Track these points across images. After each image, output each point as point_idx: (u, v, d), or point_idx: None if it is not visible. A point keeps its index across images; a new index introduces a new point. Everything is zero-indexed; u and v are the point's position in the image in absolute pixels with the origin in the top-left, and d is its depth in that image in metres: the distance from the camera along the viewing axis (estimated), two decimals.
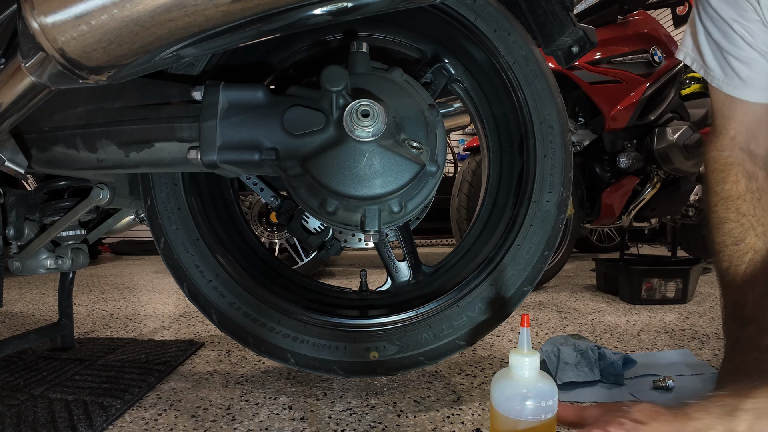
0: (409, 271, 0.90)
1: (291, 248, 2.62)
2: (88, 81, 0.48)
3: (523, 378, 0.46)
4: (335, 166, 0.62)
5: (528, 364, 0.46)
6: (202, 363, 1.04)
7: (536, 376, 0.46)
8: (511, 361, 0.47)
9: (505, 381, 0.47)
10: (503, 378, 0.48)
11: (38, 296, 2.04)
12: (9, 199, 0.89)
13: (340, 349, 0.78)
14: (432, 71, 0.85)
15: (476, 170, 2.03)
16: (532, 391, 0.45)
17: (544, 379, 0.46)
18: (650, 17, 2.09)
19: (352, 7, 0.49)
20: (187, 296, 0.80)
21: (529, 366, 0.46)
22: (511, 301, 0.78)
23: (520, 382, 0.46)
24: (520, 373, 0.46)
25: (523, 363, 0.46)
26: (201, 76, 0.75)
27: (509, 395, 0.46)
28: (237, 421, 0.74)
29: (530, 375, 0.46)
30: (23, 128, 0.70)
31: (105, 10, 0.42)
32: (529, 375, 0.46)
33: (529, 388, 0.45)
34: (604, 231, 3.82)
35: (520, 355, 0.47)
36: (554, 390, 0.46)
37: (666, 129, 1.99)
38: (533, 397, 0.45)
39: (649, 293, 1.70)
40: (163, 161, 0.67)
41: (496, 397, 0.47)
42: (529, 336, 0.48)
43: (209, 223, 0.83)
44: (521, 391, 0.45)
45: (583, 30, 0.77)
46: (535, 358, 0.46)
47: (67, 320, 1.12)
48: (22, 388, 0.86)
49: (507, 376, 0.47)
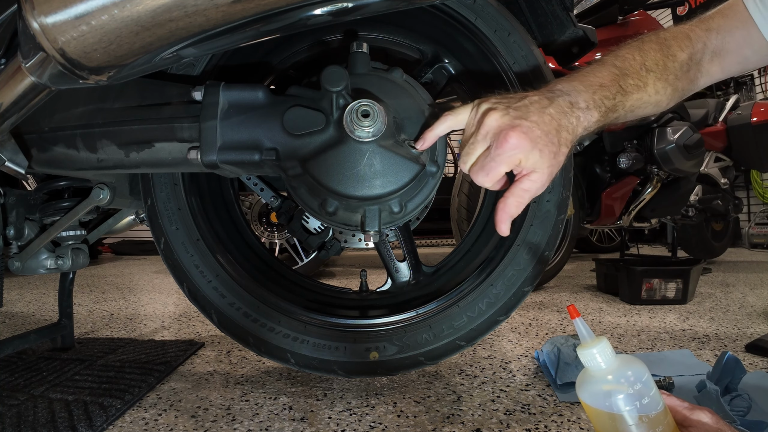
0: (409, 272, 0.90)
1: (291, 248, 2.62)
2: (88, 81, 0.48)
3: (602, 369, 0.43)
4: (335, 166, 0.62)
5: (599, 352, 0.43)
6: (202, 363, 1.04)
7: (615, 361, 0.43)
8: (582, 358, 0.44)
9: (588, 381, 0.44)
10: (585, 378, 0.45)
11: (38, 296, 2.04)
12: (9, 199, 0.89)
13: (340, 350, 0.78)
14: (432, 71, 0.85)
15: None
16: (617, 378, 0.42)
17: (626, 362, 0.43)
18: (651, 17, 2.09)
19: (352, 7, 0.49)
20: (187, 296, 0.80)
21: (601, 353, 0.43)
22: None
23: (601, 374, 0.43)
24: (596, 366, 0.43)
25: (593, 355, 0.43)
26: (201, 77, 0.75)
27: (596, 391, 0.43)
28: (237, 421, 0.74)
29: (607, 363, 0.43)
30: (23, 128, 0.70)
31: (105, 10, 0.42)
32: (606, 364, 0.43)
33: (614, 375, 0.42)
34: (605, 231, 3.82)
35: (586, 348, 0.43)
36: (642, 370, 0.43)
37: (666, 129, 1.99)
38: (622, 385, 0.42)
39: (649, 293, 1.70)
40: (164, 161, 0.67)
41: (586, 397, 0.44)
42: (585, 324, 0.45)
43: (209, 223, 0.83)
44: (606, 381, 0.42)
45: (584, 30, 0.78)
46: (604, 344, 0.43)
47: (67, 320, 1.12)
48: (22, 388, 0.86)
49: (587, 375, 0.44)
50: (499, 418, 0.73)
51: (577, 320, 0.45)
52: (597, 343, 0.43)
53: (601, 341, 0.43)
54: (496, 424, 0.71)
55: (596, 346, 0.43)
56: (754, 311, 1.52)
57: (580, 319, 0.45)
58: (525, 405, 0.78)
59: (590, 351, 0.43)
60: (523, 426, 0.71)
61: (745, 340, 1.15)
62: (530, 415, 0.75)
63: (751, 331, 1.26)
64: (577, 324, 0.45)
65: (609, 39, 1.93)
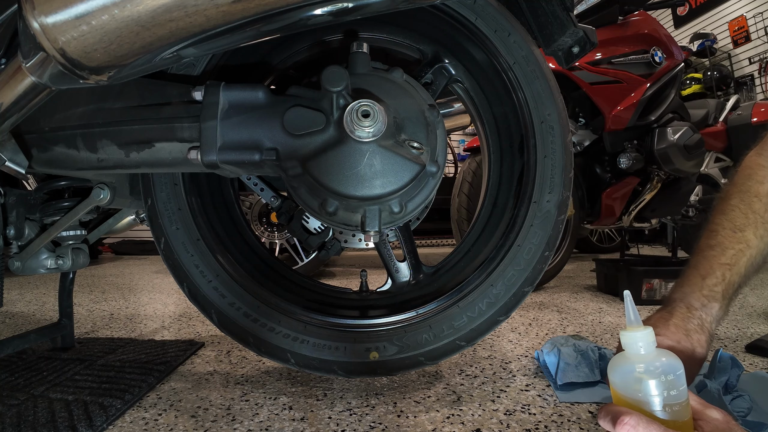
0: (409, 272, 0.90)
1: (291, 248, 2.62)
2: (88, 81, 0.48)
3: (640, 355, 0.44)
4: (335, 166, 0.62)
5: (642, 338, 0.44)
6: (202, 363, 1.04)
7: (653, 352, 0.44)
8: (623, 340, 0.45)
9: (622, 364, 0.45)
10: (620, 362, 0.45)
11: (38, 296, 2.04)
12: (9, 199, 0.89)
13: (340, 350, 0.78)
14: (432, 71, 0.85)
15: (476, 171, 2.03)
16: (652, 364, 0.43)
17: (663, 354, 0.44)
18: (651, 18, 2.09)
19: (353, 7, 0.49)
20: (188, 296, 0.80)
21: (644, 340, 0.44)
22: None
23: (637, 359, 0.44)
24: (635, 351, 0.44)
25: (635, 339, 0.44)
26: (201, 77, 0.75)
27: (628, 373, 0.44)
28: (237, 421, 0.74)
29: (647, 350, 0.44)
30: (24, 128, 0.70)
31: (106, 10, 0.42)
32: (645, 351, 0.44)
33: (649, 362, 0.43)
34: (605, 231, 3.82)
35: (630, 332, 0.44)
36: (678, 364, 0.44)
37: (666, 129, 1.99)
38: (655, 372, 0.42)
39: (649, 294, 1.70)
40: (164, 161, 0.67)
41: (617, 378, 0.45)
42: (634, 307, 0.46)
43: (209, 223, 0.83)
44: (641, 367, 0.43)
45: (584, 30, 0.77)
46: (649, 332, 0.44)
47: (68, 320, 1.12)
48: (23, 388, 0.86)
49: (623, 358, 0.45)
50: (499, 418, 0.73)
51: (627, 297, 0.46)
52: (642, 329, 0.44)
53: (647, 329, 0.44)
54: (496, 424, 0.71)
55: (641, 332, 0.44)
56: (754, 311, 1.51)
57: (630, 299, 0.46)
58: (525, 405, 0.78)
59: (633, 335, 0.44)
60: (523, 426, 0.71)
61: (746, 340, 1.15)
62: (530, 415, 0.75)
63: (752, 331, 1.26)
64: (626, 303, 0.46)
65: (609, 39, 1.93)
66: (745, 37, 4.58)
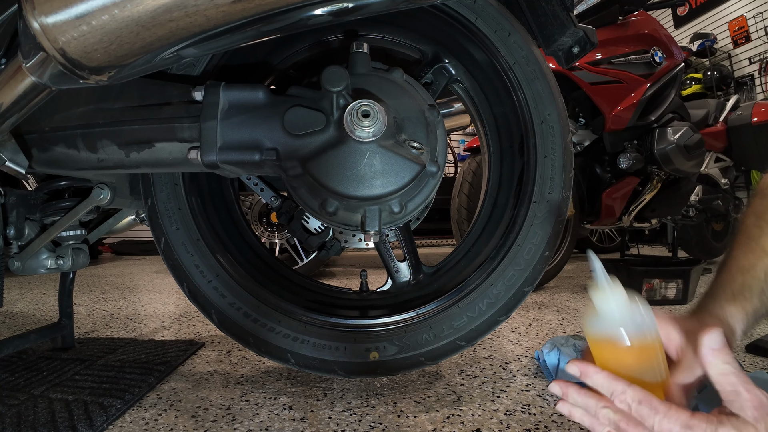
0: (409, 272, 0.90)
1: (291, 248, 2.62)
2: (88, 81, 0.48)
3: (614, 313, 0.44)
4: (336, 166, 0.62)
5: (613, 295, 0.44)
6: (202, 363, 1.04)
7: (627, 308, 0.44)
8: (594, 300, 0.46)
9: (595, 316, 0.46)
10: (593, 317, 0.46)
11: (38, 296, 2.04)
12: (9, 199, 0.89)
13: (340, 350, 0.78)
14: (432, 72, 0.85)
15: (476, 171, 2.03)
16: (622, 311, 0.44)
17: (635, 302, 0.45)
18: (651, 18, 2.09)
19: (353, 7, 0.49)
20: (188, 296, 0.80)
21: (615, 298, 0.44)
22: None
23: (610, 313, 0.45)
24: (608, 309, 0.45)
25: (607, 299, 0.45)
26: (201, 77, 0.75)
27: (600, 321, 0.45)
28: (237, 421, 0.74)
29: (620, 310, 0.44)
30: (24, 128, 0.70)
31: (106, 10, 0.42)
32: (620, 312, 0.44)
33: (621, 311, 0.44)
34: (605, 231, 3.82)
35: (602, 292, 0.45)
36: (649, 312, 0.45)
37: (666, 129, 1.99)
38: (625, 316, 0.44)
39: (649, 294, 1.69)
40: (164, 161, 0.67)
41: (590, 327, 0.46)
42: (602, 269, 0.46)
43: (210, 223, 0.83)
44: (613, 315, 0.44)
45: (584, 30, 0.77)
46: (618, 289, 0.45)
47: (68, 320, 1.12)
48: (23, 388, 0.86)
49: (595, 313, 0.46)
50: (499, 418, 0.73)
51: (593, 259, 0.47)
52: (614, 289, 0.45)
53: (617, 287, 0.45)
54: (496, 424, 0.71)
55: (613, 292, 0.45)
56: None
57: (599, 262, 0.47)
58: (525, 405, 0.78)
59: (605, 295, 0.45)
60: (523, 426, 0.71)
61: (746, 340, 1.15)
62: (530, 415, 0.75)
63: (752, 331, 1.26)
64: (594, 265, 0.47)
65: (609, 39, 1.93)
66: (745, 37, 4.58)
